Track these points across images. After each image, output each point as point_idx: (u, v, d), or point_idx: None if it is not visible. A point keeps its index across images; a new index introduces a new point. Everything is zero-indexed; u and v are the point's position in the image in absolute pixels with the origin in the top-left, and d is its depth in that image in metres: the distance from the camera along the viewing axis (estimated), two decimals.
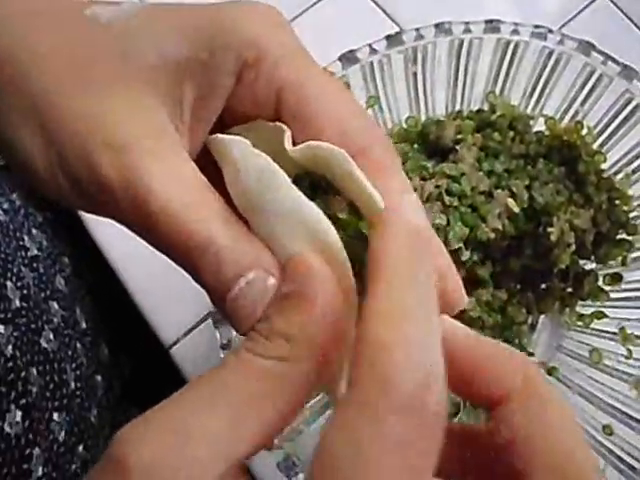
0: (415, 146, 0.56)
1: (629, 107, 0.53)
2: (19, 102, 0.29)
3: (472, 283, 0.55)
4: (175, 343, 0.62)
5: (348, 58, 0.53)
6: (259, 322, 0.26)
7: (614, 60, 0.53)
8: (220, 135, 0.30)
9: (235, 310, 0.27)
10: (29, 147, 0.29)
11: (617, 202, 0.55)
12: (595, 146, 0.56)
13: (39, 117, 0.28)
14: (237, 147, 0.28)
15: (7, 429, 0.42)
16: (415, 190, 0.51)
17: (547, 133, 0.56)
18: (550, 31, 0.54)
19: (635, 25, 0.73)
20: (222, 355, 0.46)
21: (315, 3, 0.73)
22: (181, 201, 0.27)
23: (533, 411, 0.25)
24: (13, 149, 0.29)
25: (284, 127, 0.29)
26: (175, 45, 0.29)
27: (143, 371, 0.67)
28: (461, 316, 0.53)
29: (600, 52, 0.53)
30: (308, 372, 0.25)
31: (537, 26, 0.54)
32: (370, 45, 0.52)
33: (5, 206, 0.54)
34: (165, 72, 0.29)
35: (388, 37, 0.53)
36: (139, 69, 0.29)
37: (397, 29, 0.72)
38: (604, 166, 0.55)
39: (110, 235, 0.66)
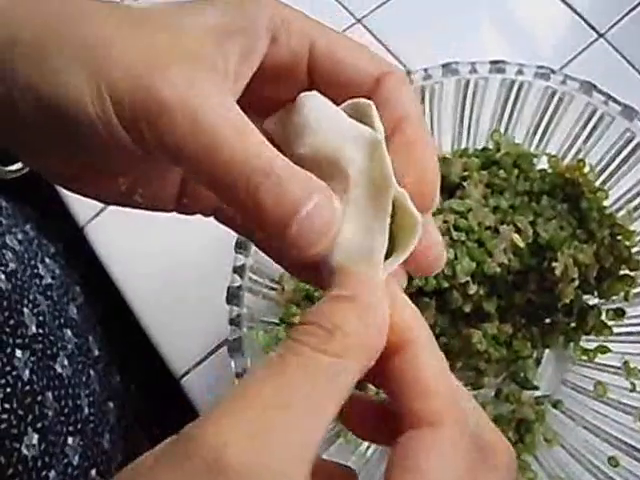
0: None
1: (630, 146, 0.55)
2: (69, 49, 0.28)
3: (478, 317, 0.56)
4: (186, 374, 0.63)
5: None
6: (314, 315, 0.26)
7: (615, 100, 0.54)
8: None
9: (306, 232, 0.27)
10: (79, 94, 0.28)
11: (619, 238, 0.56)
12: (597, 183, 0.57)
13: (90, 60, 0.28)
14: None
15: (24, 451, 0.43)
16: None
17: (550, 171, 0.58)
18: (553, 72, 0.55)
19: (632, 66, 0.74)
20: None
21: None
22: (239, 128, 0.27)
23: None
24: (60, 100, 0.28)
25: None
26: (213, 10, 0.30)
27: (153, 401, 0.67)
28: (468, 349, 0.55)
29: (601, 92, 0.55)
30: (359, 371, 0.26)
31: (540, 67, 0.55)
32: None
33: (20, 236, 0.55)
34: (207, 34, 0.29)
35: None
36: (187, 31, 0.29)
37: (401, 69, 0.74)
38: (606, 203, 0.57)
39: (121, 266, 0.67)
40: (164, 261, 0.68)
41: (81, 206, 0.70)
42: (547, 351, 0.59)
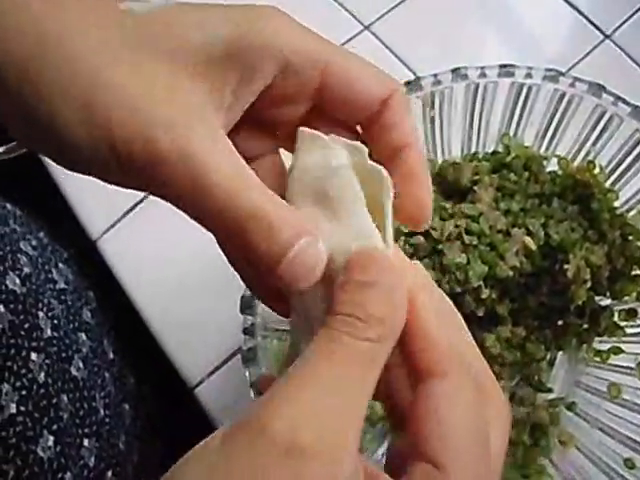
0: (433, 188, 0.57)
1: None
2: (64, 80, 0.29)
3: (491, 320, 0.56)
4: (200, 383, 0.63)
5: None
6: (349, 306, 0.28)
7: (624, 101, 0.54)
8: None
9: (295, 270, 0.29)
10: (71, 126, 0.29)
11: (630, 238, 0.56)
12: (607, 184, 0.57)
13: (85, 95, 0.28)
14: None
15: (40, 453, 0.44)
16: (435, 230, 0.53)
17: (560, 173, 0.58)
18: (562, 74, 0.55)
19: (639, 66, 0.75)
20: (252, 394, 0.47)
21: None
22: (233, 174, 0.29)
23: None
24: (52, 128, 0.29)
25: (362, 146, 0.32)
26: (220, 27, 0.30)
27: (166, 405, 0.67)
28: (482, 353, 0.55)
29: (611, 93, 0.55)
30: (389, 351, 0.29)
31: (549, 69, 0.55)
32: None
33: (34, 243, 0.55)
34: (209, 53, 0.30)
35: (408, 83, 0.54)
36: (184, 52, 0.30)
37: (409, 75, 0.75)
38: (617, 204, 0.57)
39: (134, 276, 0.67)
40: (177, 272, 0.68)
41: (93, 219, 0.71)
42: (560, 353, 0.59)
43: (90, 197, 0.70)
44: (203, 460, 0.25)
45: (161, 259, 0.69)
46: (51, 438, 0.45)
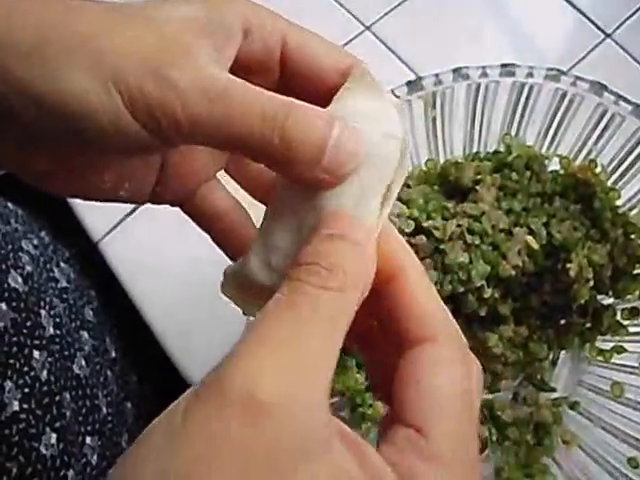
0: (435, 187, 0.57)
1: None
2: (66, 47, 0.29)
3: (494, 320, 0.56)
4: None
5: None
6: (312, 256, 0.28)
7: (626, 100, 0.54)
8: None
9: (340, 154, 0.29)
10: (82, 91, 0.28)
11: (632, 237, 0.56)
12: (609, 183, 0.57)
13: (89, 54, 0.28)
14: None
15: (43, 450, 0.44)
16: (437, 230, 0.53)
17: (562, 172, 0.58)
18: (563, 73, 0.55)
19: None
20: None
21: None
22: (247, 87, 0.29)
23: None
24: (62, 98, 0.28)
25: None
26: (189, 10, 0.31)
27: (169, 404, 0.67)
28: (485, 352, 0.55)
29: (612, 92, 0.55)
30: (358, 300, 0.28)
31: (550, 69, 0.55)
32: (392, 91, 0.54)
33: (35, 242, 0.56)
34: (194, 22, 0.31)
35: (409, 83, 0.54)
36: (175, 22, 0.31)
37: (410, 74, 0.75)
38: (619, 202, 0.57)
39: (136, 279, 0.67)
40: (178, 273, 0.68)
41: (95, 221, 0.71)
42: (563, 352, 0.59)
43: None
44: (166, 425, 0.24)
45: (162, 260, 0.69)
46: (54, 436, 0.45)
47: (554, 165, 0.59)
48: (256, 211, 0.37)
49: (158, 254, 0.69)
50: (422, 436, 0.26)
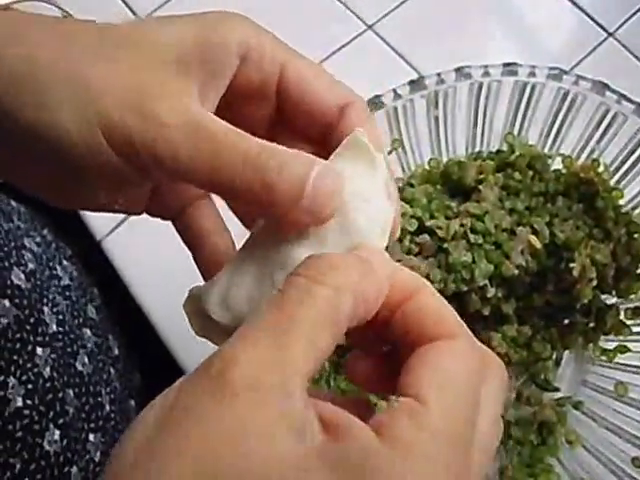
0: (438, 187, 0.57)
1: None
2: (56, 80, 0.30)
3: (497, 320, 0.56)
4: None
5: (375, 103, 0.55)
6: (321, 257, 0.28)
7: (628, 99, 0.54)
8: None
9: (318, 197, 0.30)
10: (65, 124, 0.29)
11: (636, 236, 0.56)
12: (612, 182, 0.57)
13: (79, 90, 0.29)
14: None
15: (46, 447, 0.44)
16: (440, 229, 0.53)
17: (565, 171, 0.58)
18: (565, 72, 0.55)
19: None
20: None
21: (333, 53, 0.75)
22: (230, 131, 0.30)
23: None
24: (46, 130, 0.30)
25: None
26: (187, 31, 0.32)
27: None
28: None
29: (614, 91, 0.55)
30: (352, 309, 0.27)
31: (553, 68, 0.55)
32: (394, 90, 0.54)
33: (38, 239, 0.56)
34: (178, 53, 0.31)
35: (411, 82, 0.54)
36: (158, 53, 0.31)
37: (412, 74, 0.75)
38: (622, 201, 0.57)
39: (139, 279, 0.67)
40: (180, 272, 0.67)
41: (98, 220, 0.71)
42: (566, 352, 0.59)
43: None
44: (159, 408, 0.26)
45: (165, 258, 0.68)
46: (57, 432, 0.45)
47: (557, 164, 0.59)
48: None
49: (160, 252, 0.69)
50: (422, 406, 0.26)
